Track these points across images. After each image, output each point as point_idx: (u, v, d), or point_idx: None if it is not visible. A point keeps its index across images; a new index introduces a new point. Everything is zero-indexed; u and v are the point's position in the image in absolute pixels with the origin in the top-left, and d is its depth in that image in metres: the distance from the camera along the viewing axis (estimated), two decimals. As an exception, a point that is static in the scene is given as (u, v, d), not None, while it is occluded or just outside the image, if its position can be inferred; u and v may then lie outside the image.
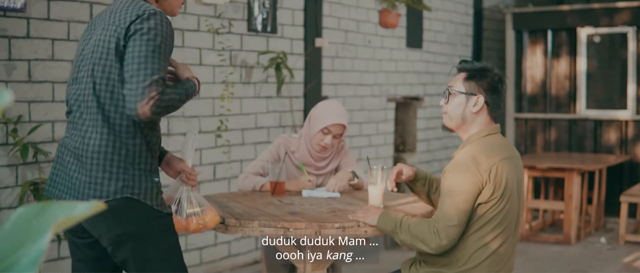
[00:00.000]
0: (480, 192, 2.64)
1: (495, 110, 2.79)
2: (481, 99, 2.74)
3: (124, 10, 2.43)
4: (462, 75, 2.79)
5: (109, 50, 2.40)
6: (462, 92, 2.76)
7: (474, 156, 2.65)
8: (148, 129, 2.48)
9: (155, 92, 2.31)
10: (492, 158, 2.66)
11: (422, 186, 3.03)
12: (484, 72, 2.77)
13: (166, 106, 2.36)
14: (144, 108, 2.31)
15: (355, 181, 3.65)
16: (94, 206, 0.73)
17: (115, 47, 2.39)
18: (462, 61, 2.85)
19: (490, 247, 2.69)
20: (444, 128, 2.86)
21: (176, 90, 2.42)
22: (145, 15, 2.37)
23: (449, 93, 2.78)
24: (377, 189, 3.04)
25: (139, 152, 2.46)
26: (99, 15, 2.57)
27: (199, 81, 2.61)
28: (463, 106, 2.76)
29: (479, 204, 2.65)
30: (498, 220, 2.67)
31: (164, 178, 2.86)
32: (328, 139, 3.60)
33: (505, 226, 2.70)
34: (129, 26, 2.36)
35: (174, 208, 2.64)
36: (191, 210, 2.68)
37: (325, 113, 3.62)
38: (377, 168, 3.03)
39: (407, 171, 2.97)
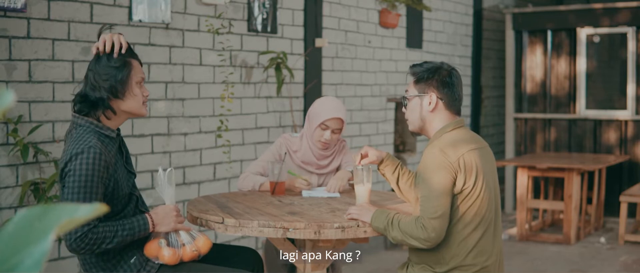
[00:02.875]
0: (455, 182, 2.69)
1: (452, 103, 2.85)
2: (433, 96, 2.82)
3: (67, 145, 2.70)
4: (413, 79, 2.88)
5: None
6: (414, 96, 2.85)
7: (441, 149, 2.72)
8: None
9: (76, 234, 2.56)
10: (458, 149, 2.72)
11: (391, 173, 3.08)
12: (432, 71, 2.84)
13: (92, 244, 2.58)
14: (69, 245, 2.59)
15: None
16: (96, 209, 0.73)
17: (60, 177, 2.69)
18: (411, 66, 2.93)
19: (472, 238, 2.74)
20: (412, 133, 2.95)
21: (112, 228, 2.64)
22: (71, 159, 2.62)
23: (406, 99, 2.89)
24: (363, 189, 3.05)
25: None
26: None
27: (153, 222, 2.75)
28: (419, 108, 2.85)
29: (454, 195, 2.71)
30: (474, 210, 2.72)
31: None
32: (327, 134, 3.61)
33: (482, 216, 2.74)
34: (63, 168, 2.65)
35: (164, 242, 2.78)
36: (183, 239, 2.83)
37: (322, 109, 3.63)
38: (361, 168, 3.05)
39: (372, 154, 3.04)
